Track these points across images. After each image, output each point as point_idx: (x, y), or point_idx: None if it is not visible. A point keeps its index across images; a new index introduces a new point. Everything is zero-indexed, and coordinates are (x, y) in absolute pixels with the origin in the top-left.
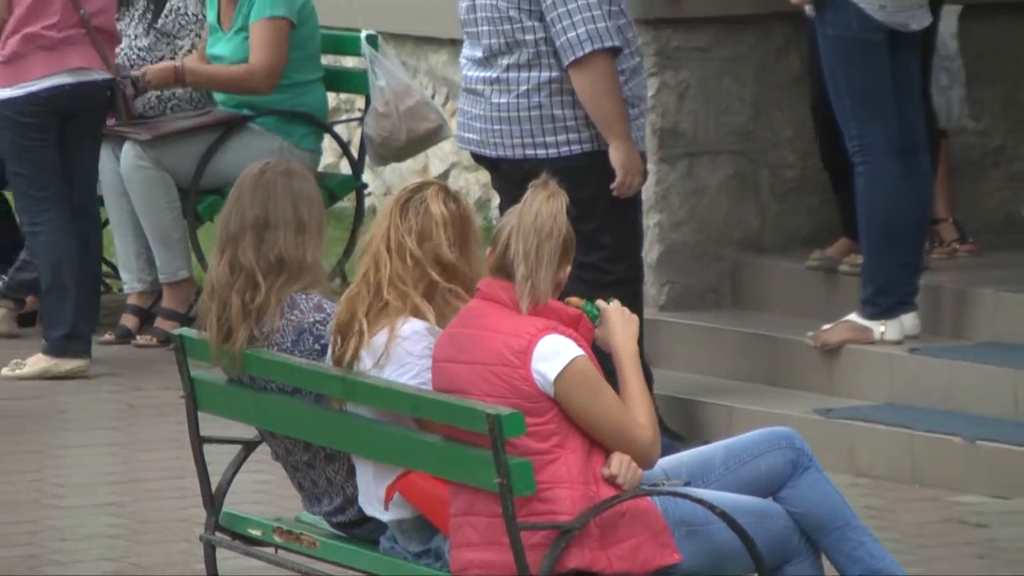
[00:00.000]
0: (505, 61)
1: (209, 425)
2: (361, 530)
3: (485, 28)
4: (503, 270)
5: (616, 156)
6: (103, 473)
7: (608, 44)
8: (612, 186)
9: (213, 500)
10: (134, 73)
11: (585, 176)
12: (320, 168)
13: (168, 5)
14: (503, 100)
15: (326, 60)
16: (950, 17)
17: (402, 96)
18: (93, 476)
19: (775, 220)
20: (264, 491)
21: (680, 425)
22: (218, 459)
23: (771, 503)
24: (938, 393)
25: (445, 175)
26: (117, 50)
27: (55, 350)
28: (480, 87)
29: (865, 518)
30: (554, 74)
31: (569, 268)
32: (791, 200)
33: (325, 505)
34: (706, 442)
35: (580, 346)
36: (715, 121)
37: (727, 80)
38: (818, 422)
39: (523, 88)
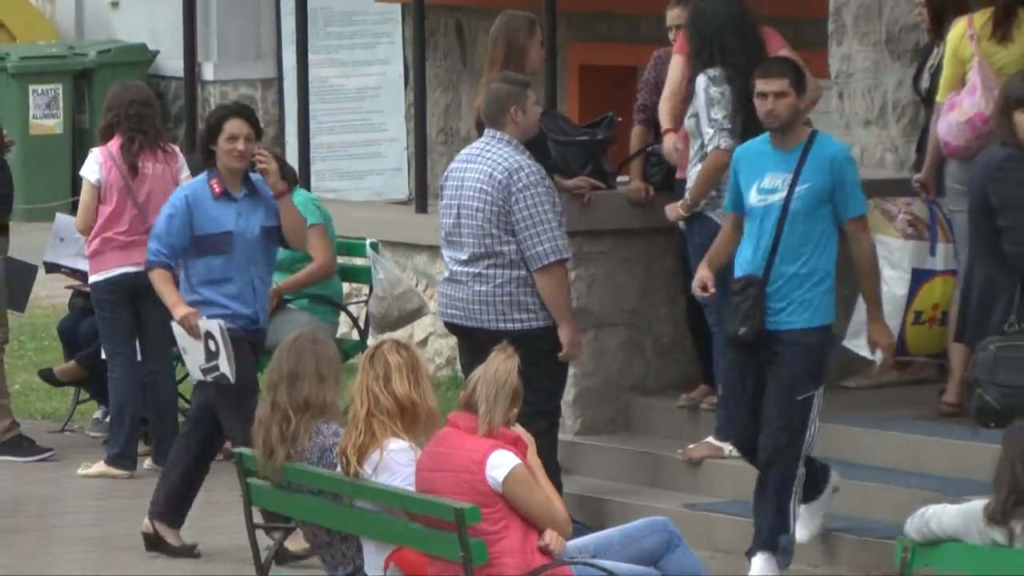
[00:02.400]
0: (485, 262)
1: (259, 515)
2: None
3: (469, 240)
4: (470, 406)
5: (563, 335)
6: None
7: (564, 256)
8: (560, 355)
9: (263, 566)
10: None
11: (539, 343)
12: (337, 336)
13: None
14: (483, 288)
15: (341, 260)
16: None
17: (395, 285)
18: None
19: (656, 372)
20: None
21: (587, 516)
22: (265, 542)
23: (653, 570)
24: None
25: (425, 340)
26: None
27: (110, 462)
28: (464, 279)
29: None
30: (522, 272)
31: (517, 410)
32: (667, 357)
33: (340, 571)
34: (603, 527)
35: (519, 457)
36: (613, 303)
37: (622, 274)
38: (685, 513)
39: (499, 281)
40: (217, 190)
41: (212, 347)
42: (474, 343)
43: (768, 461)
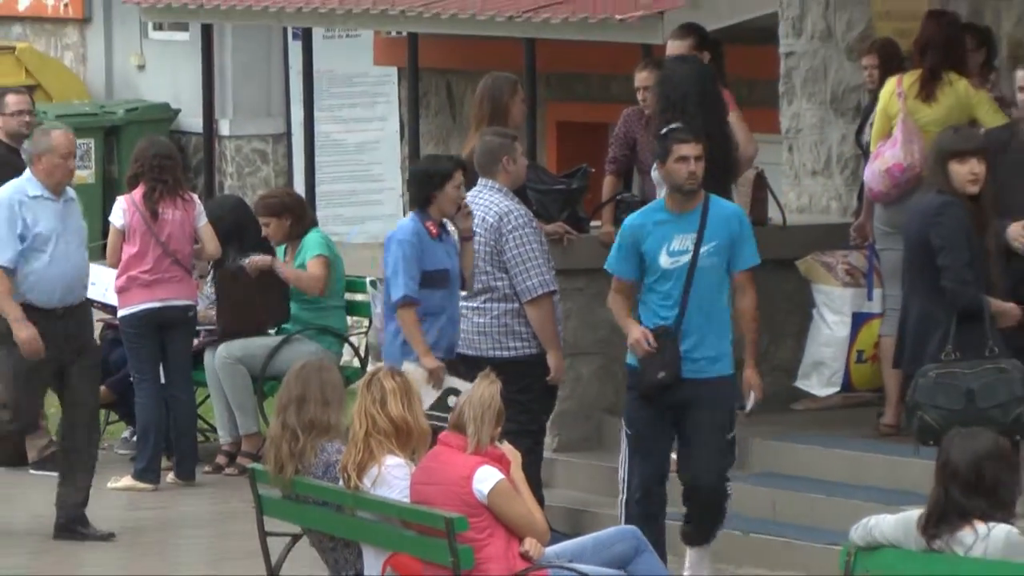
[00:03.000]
0: (483, 297)
1: (270, 523)
2: None
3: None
4: (459, 427)
5: (551, 360)
6: (206, 547)
7: (552, 288)
8: (548, 378)
9: (273, 569)
10: (240, 263)
11: (530, 368)
12: (340, 363)
13: (248, 261)
14: (482, 320)
15: (345, 296)
16: None
17: None
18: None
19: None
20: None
21: (565, 525)
22: (275, 547)
23: (622, 573)
24: None
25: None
26: (207, 287)
27: (136, 476)
28: (465, 312)
29: None
30: (515, 305)
31: (499, 428)
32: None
33: (343, 574)
34: (579, 535)
35: (502, 473)
36: (588, 334)
37: (596, 308)
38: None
39: (495, 313)
40: (434, 231)
41: (450, 403)
42: (469, 368)
43: (714, 489)
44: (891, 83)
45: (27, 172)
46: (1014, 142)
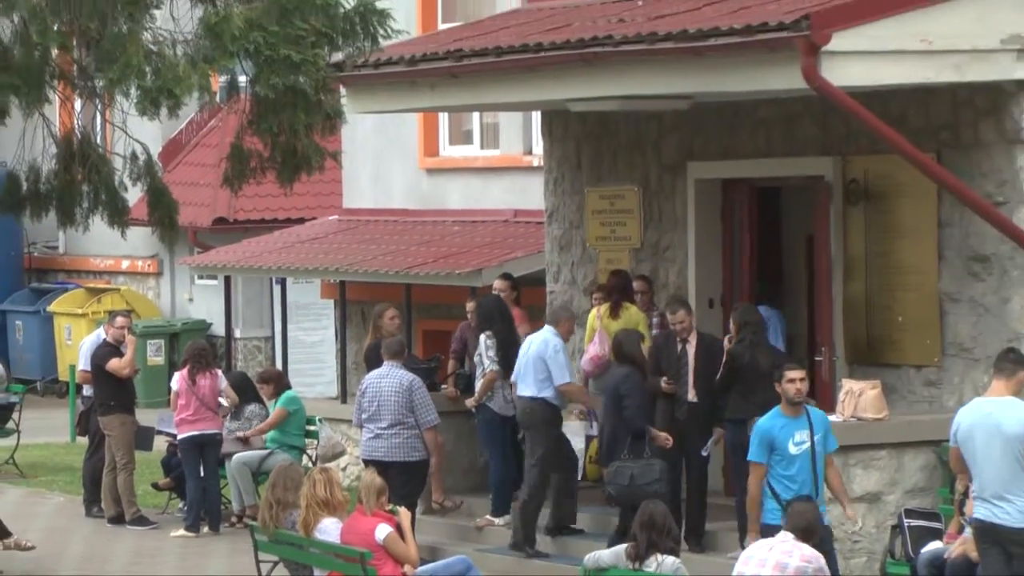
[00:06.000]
0: (398, 427)
1: (262, 556)
2: None
3: (388, 416)
4: (362, 501)
5: (434, 462)
6: (225, 566)
7: (437, 422)
8: (430, 474)
9: None
10: (240, 435)
11: (422, 468)
12: (301, 465)
13: (249, 409)
14: (397, 440)
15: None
16: None
17: (330, 439)
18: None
19: (461, 485)
20: None
21: (430, 555)
22: (265, 568)
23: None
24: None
25: (344, 467)
26: (227, 422)
27: (187, 528)
28: (386, 435)
29: None
30: (417, 431)
31: (384, 498)
32: (468, 478)
33: None
34: (430, 561)
35: (391, 527)
36: (443, 433)
37: (446, 433)
38: (478, 556)
39: (406, 436)
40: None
41: None
42: (385, 469)
43: None
44: (594, 311)
45: (101, 331)
46: (668, 339)
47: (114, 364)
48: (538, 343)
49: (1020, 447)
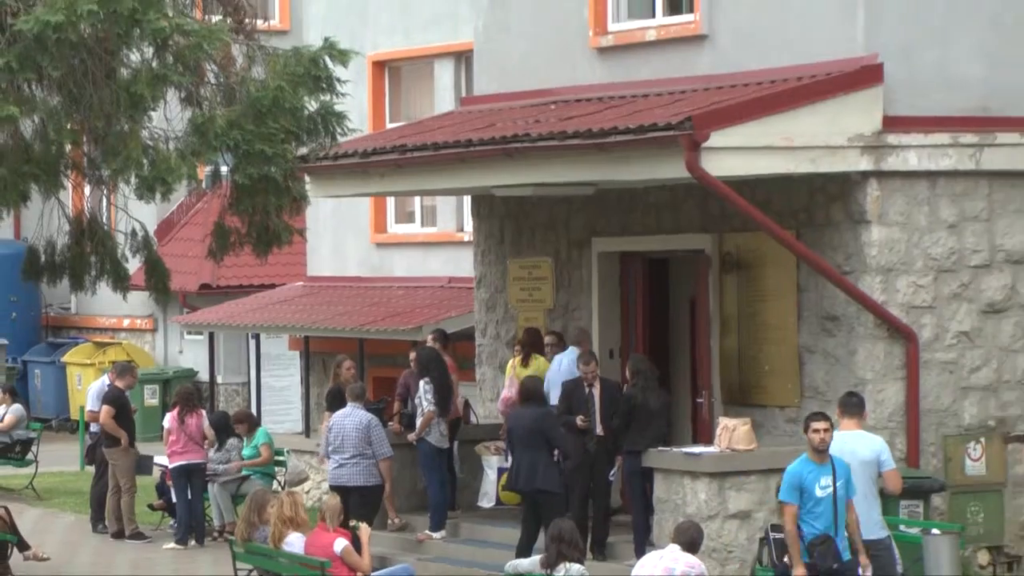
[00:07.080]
0: (358, 457)
1: (239, 564)
2: None
3: (351, 448)
4: (324, 519)
5: (387, 486)
6: (207, 570)
7: (391, 454)
8: (385, 496)
9: None
10: (223, 467)
11: (378, 492)
12: (272, 490)
13: (229, 443)
14: (357, 468)
15: (277, 457)
16: None
17: (295, 467)
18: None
19: (411, 506)
20: None
21: (380, 564)
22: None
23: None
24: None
25: (308, 491)
26: (211, 452)
27: (176, 542)
28: (348, 464)
29: None
30: (374, 461)
31: (342, 517)
32: (412, 499)
33: None
34: (380, 568)
35: (347, 540)
36: (396, 464)
37: (397, 465)
38: (420, 564)
39: (365, 464)
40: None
41: None
42: (346, 493)
43: None
44: (511, 360)
45: (106, 378)
46: (577, 384)
47: (103, 415)
48: (567, 362)
49: (872, 470)
